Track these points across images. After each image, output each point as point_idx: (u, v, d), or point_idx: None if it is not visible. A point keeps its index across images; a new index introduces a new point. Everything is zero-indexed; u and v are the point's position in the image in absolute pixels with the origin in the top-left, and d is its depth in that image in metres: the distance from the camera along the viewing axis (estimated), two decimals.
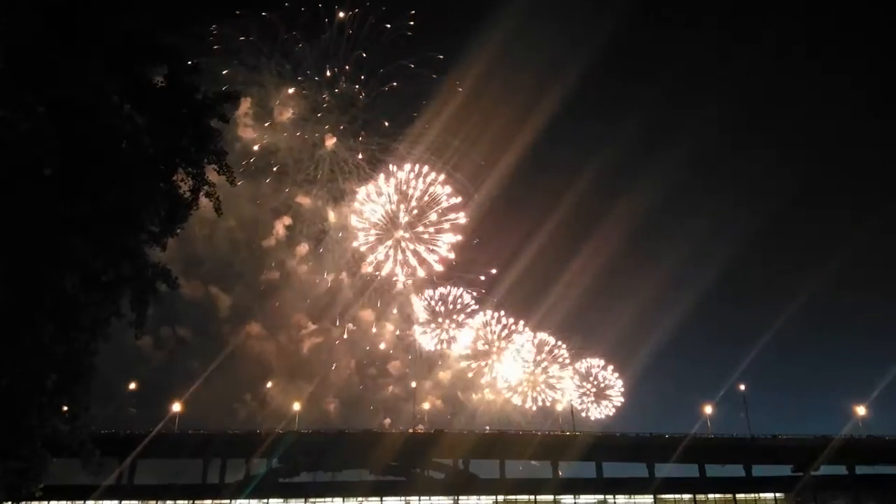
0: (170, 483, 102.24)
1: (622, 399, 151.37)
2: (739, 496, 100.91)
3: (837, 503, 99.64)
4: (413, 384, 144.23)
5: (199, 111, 20.72)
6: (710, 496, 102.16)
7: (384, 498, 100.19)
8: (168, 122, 20.84)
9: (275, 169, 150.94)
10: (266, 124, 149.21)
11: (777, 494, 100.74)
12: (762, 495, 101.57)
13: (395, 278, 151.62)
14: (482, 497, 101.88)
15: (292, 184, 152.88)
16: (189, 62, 21.06)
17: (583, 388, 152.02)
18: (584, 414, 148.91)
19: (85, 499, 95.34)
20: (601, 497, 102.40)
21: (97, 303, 21.73)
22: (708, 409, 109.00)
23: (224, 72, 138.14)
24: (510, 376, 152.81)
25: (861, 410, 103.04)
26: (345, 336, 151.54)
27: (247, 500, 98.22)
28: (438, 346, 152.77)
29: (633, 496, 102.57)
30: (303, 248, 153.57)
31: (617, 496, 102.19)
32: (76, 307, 20.72)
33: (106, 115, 19.86)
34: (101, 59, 19.55)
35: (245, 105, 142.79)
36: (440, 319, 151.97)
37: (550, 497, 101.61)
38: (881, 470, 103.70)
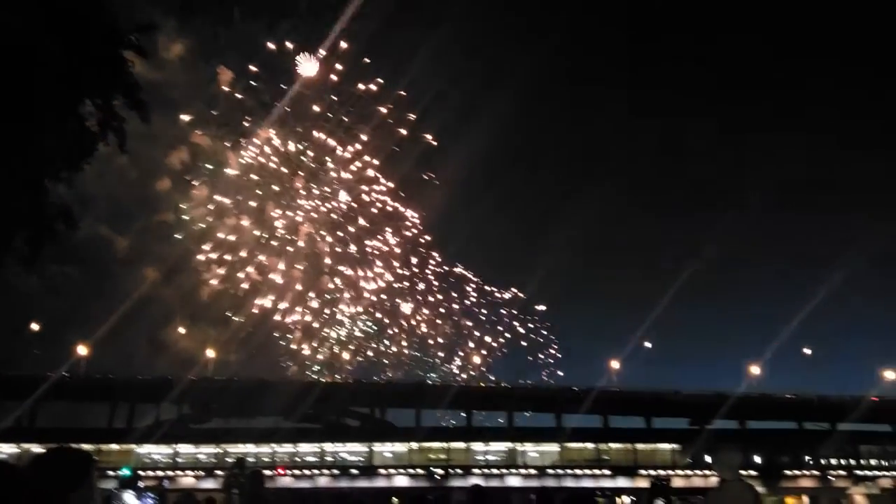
0: (73, 427, 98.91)
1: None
2: (639, 446, 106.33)
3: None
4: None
5: (116, 41, 19.12)
6: (612, 445, 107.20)
7: (298, 444, 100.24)
8: (78, 48, 19.14)
9: (166, 106, 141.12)
10: (152, 59, 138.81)
11: (674, 445, 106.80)
12: (660, 446, 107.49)
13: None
14: (397, 444, 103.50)
15: (186, 123, 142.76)
16: None
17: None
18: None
19: None
20: (511, 445, 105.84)
21: None
22: (615, 364, 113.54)
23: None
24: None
25: (755, 370, 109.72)
26: (247, 284, 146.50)
27: (155, 446, 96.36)
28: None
29: (540, 444, 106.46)
30: (201, 190, 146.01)
31: (525, 444, 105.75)
32: None
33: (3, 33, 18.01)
34: None
35: None
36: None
37: (463, 444, 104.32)
38: (769, 425, 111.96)
